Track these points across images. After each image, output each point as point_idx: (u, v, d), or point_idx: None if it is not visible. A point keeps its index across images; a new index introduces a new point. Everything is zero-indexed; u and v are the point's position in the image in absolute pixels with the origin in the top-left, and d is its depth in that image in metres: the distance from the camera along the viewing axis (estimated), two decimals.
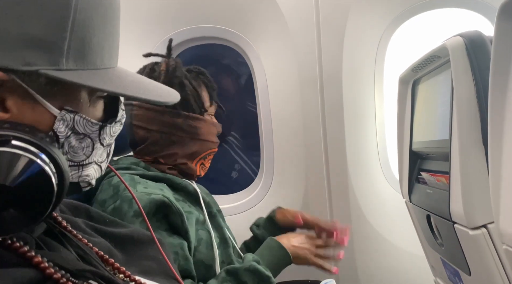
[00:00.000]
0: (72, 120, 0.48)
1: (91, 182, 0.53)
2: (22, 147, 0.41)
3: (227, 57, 1.70)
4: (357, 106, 1.45)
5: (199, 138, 1.09)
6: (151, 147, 1.06)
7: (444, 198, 0.86)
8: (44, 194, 0.42)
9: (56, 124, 0.47)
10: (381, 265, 1.47)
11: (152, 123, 1.05)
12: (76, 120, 0.48)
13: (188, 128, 1.06)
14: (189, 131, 1.06)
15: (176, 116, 1.05)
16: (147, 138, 1.06)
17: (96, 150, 0.52)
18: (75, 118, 0.48)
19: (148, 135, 1.05)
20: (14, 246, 0.43)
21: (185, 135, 1.07)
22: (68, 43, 0.45)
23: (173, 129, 1.06)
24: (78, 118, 0.48)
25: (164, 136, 1.05)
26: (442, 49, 0.88)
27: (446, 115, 0.89)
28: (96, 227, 0.63)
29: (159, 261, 0.64)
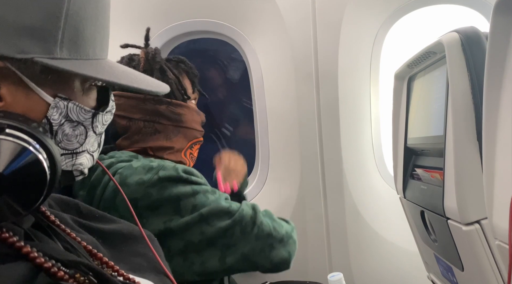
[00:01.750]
0: (66, 107, 0.49)
1: (83, 171, 0.54)
2: (15, 135, 0.41)
3: (222, 52, 1.69)
4: (352, 102, 1.44)
5: (183, 126, 1.08)
6: (134, 136, 1.04)
7: (438, 194, 0.86)
8: (37, 182, 0.42)
9: (50, 112, 0.48)
10: (375, 261, 1.47)
11: (134, 112, 1.03)
12: (69, 107, 0.49)
13: (171, 116, 1.05)
14: (173, 119, 1.05)
15: (159, 103, 1.04)
16: (129, 127, 1.04)
17: (89, 138, 0.52)
18: (69, 106, 0.49)
19: (130, 124, 1.03)
20: (2, 237, 0.43)
21: (169, 123, 1.05)
22: (62, 33, 0.46)
23: (155, 117, 1.04)
24: (72, 105, 0.49)
25: (147, 124, 1.04)
26: (437, 45, 0.88)
27: (441, 111, 0.88)
28: (84, 223, 0.62)
29: (149, 258, 0.64)
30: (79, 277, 0.46)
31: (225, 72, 1.75)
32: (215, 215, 0.94)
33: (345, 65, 1.40)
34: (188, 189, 0.93)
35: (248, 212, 0.98)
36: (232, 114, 1.82)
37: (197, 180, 0.96)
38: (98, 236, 0.61)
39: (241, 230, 0.95)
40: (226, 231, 0.93)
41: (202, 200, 0.93)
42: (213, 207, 0.94)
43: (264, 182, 1.56)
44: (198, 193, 0.94)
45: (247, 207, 1.00)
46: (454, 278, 0.94)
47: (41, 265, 0.43)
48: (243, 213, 0.97)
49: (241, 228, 0.96)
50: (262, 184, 1.56)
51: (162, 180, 0.91)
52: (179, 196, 0.91)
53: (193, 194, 0.93)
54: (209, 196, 0.95)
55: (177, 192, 0.92)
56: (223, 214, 0.95)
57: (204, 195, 0.95)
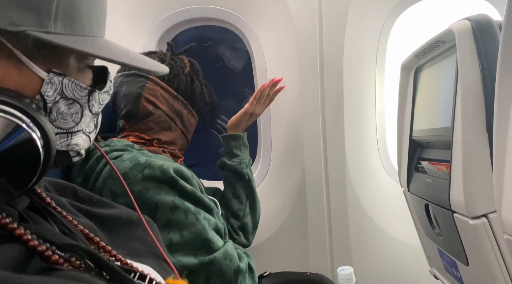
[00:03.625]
0: (61, 84, 0.47)
1: (80, 151, 0.52)
2: (7, 111, 0.39)
3: (225, 40, 1.66)
4: (357, 94, 1.42)
5: (187, 135, 1.15)
6: (151, 124, 1.07)
7: (444, 187, 0.84)
8: (30, 162, 0.41)
9: (44, 88, 0.46)
10: (377, 255, 1.46)
11: (163, 103, 1.09)
12: (64, 84, 0.47)
13: (186, 122, 1.13)
14: (185, 125, 1.13)
15: (184, 106, 1.12)
16: (152, 114, 1.07)
17: (85, 117, 0.50)
18: (64, 82, 0.47)
19: (155, 112, 1.07)
20: None
21: (181, 127, 1.12)
22: (56, 6, 0.44)
23: (176, 116, 1.11)
24: (67, 82, 0.47)
25: (167, 119, 1.09)
26: (447, 33, 0.85)
27: (449, 102, 0.86)
28: (81, 207, 0.61)
29: (148, 243, 0.62)
30: (75, 261, 0.44)
31: (228, 61, 1.73)
32: (184, 247, 0.88)
33: (350, 56, 1.37)
34: (169, 200, 0.89)
35: (228, 262, 0.92)
36: (233, 105, 1.79)
37: (183, 186, 0.92)
38: (96, 220, 0.60)
39: (205, 279, 0.90)
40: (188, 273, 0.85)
41: (180, 218, 0.90)
42: (187, 238, 0.88)
43: (265, 175, 1.55)
44: (178, 208, 0.90)
45: (231, 256, 0.94)
46: (458, 273, 0.92)
47: (34, 248, 0.41)
48: (220, 256, 0.91)
49: (206, 276, 0.90)
50: (263, 177, 1.55)
51: (146, 179, 0.89)
52: (157, 204, 0.88)
53: (172, 208, 0.89)
54: (189, 216, 0.91)
55: (157, 200, 0.88)
56: (193, 246, 0.89)
57: (184, 213, 0.90)
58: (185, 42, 1.27)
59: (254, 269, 1.05)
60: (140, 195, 0.88)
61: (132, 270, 0.50)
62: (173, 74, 1.11)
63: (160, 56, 1.15)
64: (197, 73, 1.19)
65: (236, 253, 0.97)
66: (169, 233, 0.88)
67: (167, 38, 1.50)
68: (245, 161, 1.26)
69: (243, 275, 0.97)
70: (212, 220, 0.96)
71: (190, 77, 1.16)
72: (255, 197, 1.27)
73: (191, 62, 1.19)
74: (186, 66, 1.16)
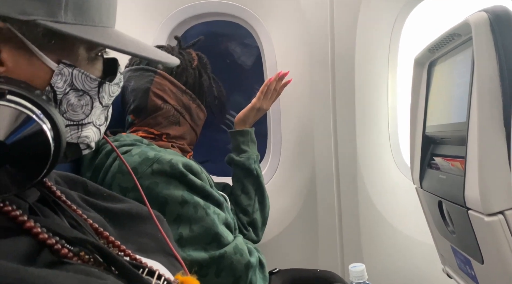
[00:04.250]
0: (71, 75, 0.46)
1: (90, 144, 0.51)
2: (17, 102, 0.39)
3: (235, 35, 1.65)
4: (369, 89, 1.40)
5: (195, 130, 1.15)
6: (160, 118, 1.07)
7: (459, 184, 0.82)
8: (40, 153, 0.40)
9: (54, 79, 0.45)
10: (388, 253, 1.44)
11: (171, 97, 1.08)
12: (74, 75, 0.47)
13: (195, 116, 1.13)
14: (194, 120, 1.13)
15: (193, 100, 1.12)
16: (161, 109, 1.07)
17: (95, 109, 0.50)
18: (74, 73, 0.47)
19: (164, 106, 1.07)
20: (5, 210, 0.41)
21: (190, 122, 1.12)
22: None
23: (184, 111, 1.10)
24: (77, 73, 0.47)
25: (176, 114, 1.09)
26: (463, 26, 0.83)
27: (464, 97, 0.84)
28: (91, 201, 0.61)
29: (157, 239, 0.62)
30: (84, 255, 0.44)
31: (238, 57, 1.71)
32: (194, 242, 0.88)
33: (362, 50, 1.35)
34: (178, 195, 0.89)
35: (238, 256, 0.92)
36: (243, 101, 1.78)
37: (192, 180, 0.91)
38: (106, 215, 0.59)
39: (215, 273, 0.90)
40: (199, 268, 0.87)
41: (189, 213, 0.89)
42: (197, 232, 0.88)
43: (275, 171, 1.54)
44: (187, 202, 0.89)
45: (241, 250, 0.93)
46: (472, 271, 0.90)
47: (44, 241, 0.41)
48: (231, 250, 0.91)
49: (216, 270, 0.90)
50: (273, 173, 1.54)
51: (155, 174, 0.88)
52: (167, 199, 0.88)
53: (181, 202, 0.89)
54: (199, 210, 0.90)
55: (166, 194, 0.88)
56: (204, 241, 0.89)
57: (194, 208, 0.90)
58: (195, 37, 1.27)
59: (265, 264, 1.05)
60: (149, 189, 0.87)
61: (141, 265, 0.50)
62: (181, 68, 1.11)
63: (168, 50, 1.14)
64: (205, 67, 1.18)
65: (246, 248, 0.97)
66: (179, 228, 0.88)
67: (178, 33, 1.50)
68: (253, 156, 1.25)
69: (254, 270, 0.96)
70: (221, 215, 0.96)
71: (198, 71, 1.15)
72: (264, 193, 1.26)
73: (199, 56, 1.18)
74: (194, 60, 1.16)
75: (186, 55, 1.15)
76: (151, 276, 0.49)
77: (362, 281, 0.85)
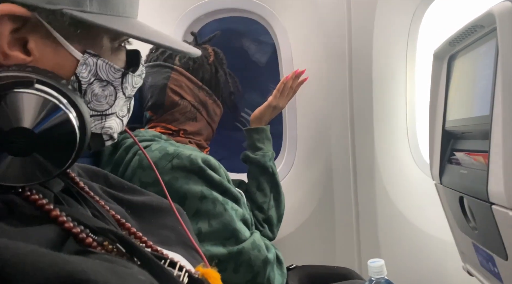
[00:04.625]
0: (95, 65, 0.47)
1: (113, 135, 0.52)
2: (45, 91, 0.40)
3: (251, 32, 1.64)
4: (387, 83, 1.38)
5: (212, 126, 1.15)
6: (177, 114, 1.08)
7: (481, 178, 0.80)
8: (66, 142, 0.41)
9: (79, 69, 0.45)
10: (406, 250, 1.42)
11: (188, 93, 1.09)
12: (99, 65, 0.47)
13: (211, 112, 1.13)
14: (211, 115, 1.13)
15: (209, 96, 1.12)
16: (178, 105, 1.08)
17: (118, 100, 0.50)
18: (98, 63, 0.47)
19: (181, 102, 1.08)
20: (32, 198, 0.41)
21: (206, 118, 1.12)
22: None
23: (201, 107, 1.11)
24: (101, 63, 0.47)
25: (192, 110, 1.09)
26: (486, 16, 0.81)
27: (487, 90, 0.82)
28: (113, 194, 0.61)
29: (178, 231, 0.62)
30: (107, 245, 0.44)
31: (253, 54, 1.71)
32: (213, 237, 0.89)
33: (380, 44, 1.33)
34: (198, 190, 0.90)
35: (256, 252, 0.92)
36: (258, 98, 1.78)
37: (211, 176, 0.92)
38: (127, 207, 0.60)
39: (234, 268, 0.90)
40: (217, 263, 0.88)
41: (208, 208, 0.90)
42: (216, 227, 0.89)
43: (291, 166, 1.53)
44: (206, 198, 0.90)
45: (259, 246, 0.94)
46: (495, 268, 0.88)
47: (69, 230, 0.41)
48: (249, 246, 0.92)
49: (234, 266, 0.90)
50: (289, 168, 1.53)
51: (175, 169, 0.89)
52: (186, 193, 0.89)
53: (200, 197, 0.90)
54: (217, 206, 0.91)
55: (186, 189, 0.89)
56: (222, 236, 0.90)
57: (212, 203, 0.91)
58: (210, 34, 1.27)
59: (282, 260, 1.05)
60: (169, 184, 0.88)
61: (162, 257, 0.50)
62: (197, 64, 1.11)
63: None
64: (221, 63, 1.18)
65: (263, 244, 0.97)
66: (198, 223, 0.89)
67: (193, 30, 1.50)
68: (268, 153, 1.25)
69: (271, 266, 0.96)
70: (239, 210, 0.96)
71: (214, 66, 1.15)
72: (279, 190, 1.25)
73: (215, 51, 1.18)
74: (210, 55, 1.16)
75: (202, 51, 1.15)
76: (173, 267, 0.49)
77: (381, 277, 0.84)
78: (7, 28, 0.41)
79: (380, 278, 0.85)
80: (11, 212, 0.39)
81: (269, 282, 0.96)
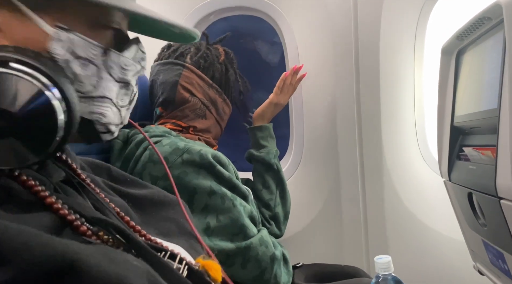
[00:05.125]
0: (70, 41, 0.43)
1: (109, 127, 0.48)
2: (23, 70, 0.37)
3: (257, 31, 1.64)
4: (394, 79, 1.36)
5: (221, 124, 1.16)
6: (187, 111, 1.09)
7: (490, 173, 0.79)
8: (47, 124, 0.38)
9: (51, 44, 0.42)
10: (415, 249, 1.40)
11: (198, 91, 1.10)
12: (74, 41, 0.43)
13: (220, 110, 1.14)
14: (220, 113, 1.14)
15: (219, 94, 1.13)
16: (188, 101, 1.09)
17: (105, 81, 0.46)
18: (73, 39, 0.43)
19: (191, 99, 1.09)
20: (28, 184, 0.41)
21: (215, 115, 1.13)
22: None
23: (211, 104, 1.12)
24: (76, 38, 0.43)
25: (202, 107, 1.10)
26: (494, 8, 0.80)
27: (495, 83, 0.80)
28: (115, 187, 0.61)
29: (179, 223, 0.62)
30: (103, 235, 0.44)
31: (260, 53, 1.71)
32: (221, 232, 0.90)
33: (387, 40, 1.31)
34: (207, 185, 0.90)
35: (264, 248, 0.93)
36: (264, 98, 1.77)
37: (221, 171, 0.93)
38: (129, 200, 0.60)
39: (242, 264, 0.91)
40: (226, 257, 0.89)
41: (217, 203, 0.91)
42: (224, 222, 0.90)
43: (298, 164, 1.52)
44: (215, 193, 0.91)
45: (266, 242, 0.95)
46: (505, 265, 0.86)
47: (64, 217, 0.41)
48: (256, 242, 0.93)
49: (242, 262, 0.91)
50: (296, 166, 1.52)
51: (185, 164, 0.90)
52: (196, 188, 0.90)
53: (209, 193, 0.90)
54: (226, 201, 0.92)
55: (195, 184, 0.90)
56: (230, 231, 0.90)
57: (221, 198, 0.91)
58: (217, 33, 1.28)
59: (288, 259, 1.04)
60: (179, 179, 0.89)
61: (162, 248, 0.50)
62: (208, 63, 1.13)
63: (195, 45, 1.16)
64: (232, 62, 1.20)
65: (271, 240, 0.97)
66: (206, 217, 0.89)
67: (199, 30, 1.51)
68: (272, 151, 1.25)
69: (278, 263, 0.96)
70: (247, 207, 0.96)
71: (224, 66, 1.17)
72: (285, 187, 1.25)
73: (225, 51, 1.20)
74: (221, 55, 1.17)
75: (213, 51, 1.17)
76: (173, 259, 0.49)
77: (388, 273, 0.82)
78: None
79: (387, 275, 0.84)
80: (8, 197, 0.39)
81: (276, 279, 0.96)
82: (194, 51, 1.14)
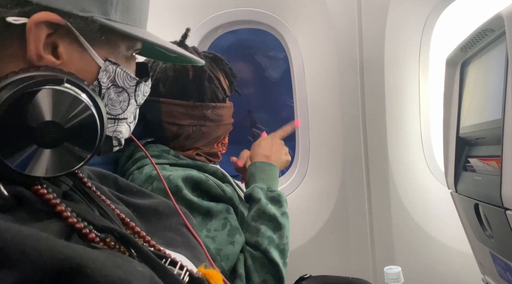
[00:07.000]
0: (114, 72, 0.50)
1: (121, 140, 0.55)
2: (74, 90, 0.43)
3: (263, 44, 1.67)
4: (399, 92, 1.37)
5: (223, 124, 1.12)
6: (184, 141, 1.08)
7: (495, 183, 0.78)
8: (90, 138, 0.44)
9: (100, 75, 0.49)
10: (423, 261, 1.38)
11: (184, 119, 1.06)
12: (117, 72, 0.51)
13: (215, 118, 1.09)
14: (216, 120, 1.10)
15: (206, 108, 1.07)
16: (180, 134, 1.07)
17: (130, 106, 0.54)
18: (117, 71, 0.51)
19: (181, 130, 1.07)
20: (40, 192, 0.43)
21: (212, 124, 1.09)
22: None
23: (202, 121, 1.08)
24: (119, 71, 0.51)
25: (195, 129, 1.07)
26: (496, 20, 0.80)
27: (499, 93, 0.80)
28: (121, 196, 0.63)
29: (183, 233, 0.63)
30: (110, 242, 0.45)
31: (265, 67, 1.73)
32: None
33: (392, 52, 1.33)
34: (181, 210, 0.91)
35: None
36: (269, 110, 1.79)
37: (187, 196, 0.91)
38: (134, 209, 0.61)
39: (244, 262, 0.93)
40: None
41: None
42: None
43: (303, 176, 1.52)
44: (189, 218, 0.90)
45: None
46: None
47: (73, 225, 0.43)
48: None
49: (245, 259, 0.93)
50: (302, 178, 1.52)
51: (155, 192, 0.86)
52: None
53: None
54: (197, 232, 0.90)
55: None
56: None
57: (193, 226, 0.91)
58: (223, 46, 1.30)
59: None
60: None
61: (164, 256, 0.51)
62: (181, 84, 1.05)
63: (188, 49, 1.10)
64: (205, 70, 1.07)
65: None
66: None
67: (206, 44, 1.54)
68: None
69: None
70: (219, 234, 0.93)
71: (198, 77, 1.06)
72: None
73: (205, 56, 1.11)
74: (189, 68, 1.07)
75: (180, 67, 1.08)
76: (173, 266, 0.50)
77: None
78: (44, 33, 0.44)
79: None
80: (19, 204, 0.41)
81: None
82: (163, 76, 1.06)
